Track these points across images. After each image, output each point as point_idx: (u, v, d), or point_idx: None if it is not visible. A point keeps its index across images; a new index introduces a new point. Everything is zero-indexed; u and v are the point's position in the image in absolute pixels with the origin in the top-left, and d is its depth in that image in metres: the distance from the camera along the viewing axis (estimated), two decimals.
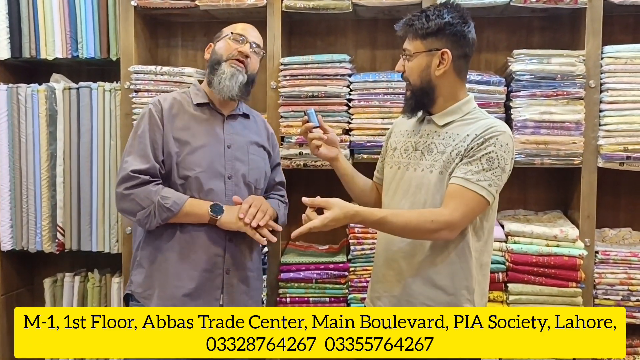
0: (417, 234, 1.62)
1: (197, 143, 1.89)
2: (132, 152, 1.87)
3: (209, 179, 1.88)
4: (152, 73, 2.47)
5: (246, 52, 1.94)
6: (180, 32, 2.82)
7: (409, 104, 1.74)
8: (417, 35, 1.66)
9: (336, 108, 2.41)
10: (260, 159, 2.03)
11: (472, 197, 1.59)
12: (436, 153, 1.68)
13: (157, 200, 1.81)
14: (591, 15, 2.30)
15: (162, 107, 1.91)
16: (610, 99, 2.29)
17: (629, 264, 2.33)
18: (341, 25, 2.72)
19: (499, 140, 1.61)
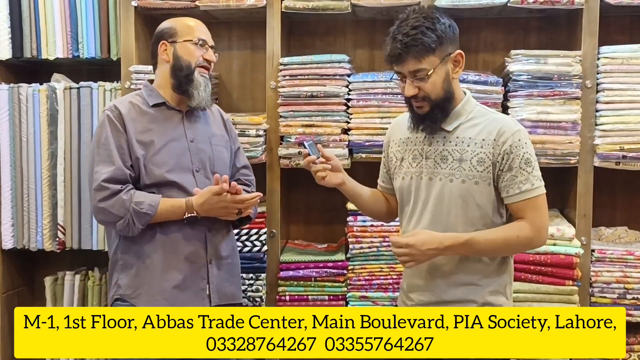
0: (509, 250, 1.70)
1: (160, 142, 1.91)
2: (100, 161, 1.87)
3: (179, 175, 1.91)
4: (151, 73, 2.48)
5: (212, 59, 1.98)
6: None
7: (434, 118, 1.67)
8: (430, 50, 1.60)
9: (335, 108, 2.43)
10: (223, 149, 2.06)
11: (538, 200, 1.66)
12: (452, 161, 1.68)
13: (132, 208, 1.82)
14: (588, 15, 2.32)
15: (120, 111, 1.90)
16: (606, 99, 2.31)
17: (625, 262, 2.35)
18: (340, 25, 2.74)
19: (521, 140, 1.65)
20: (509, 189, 1.66)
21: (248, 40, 2.80)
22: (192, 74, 1.93)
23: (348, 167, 2.44)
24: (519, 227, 1.65)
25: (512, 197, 1.66)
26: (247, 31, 2.79)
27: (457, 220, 1.68)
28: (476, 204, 1.67)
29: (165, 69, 1.97)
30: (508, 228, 1.67)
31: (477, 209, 1.67)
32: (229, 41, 2.81)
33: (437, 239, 1.61)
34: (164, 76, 1.98)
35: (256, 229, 2.47)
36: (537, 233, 1.65)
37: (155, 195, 1.87)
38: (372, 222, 2.43)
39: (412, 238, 1.62)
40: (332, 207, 2.72)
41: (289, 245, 2.68)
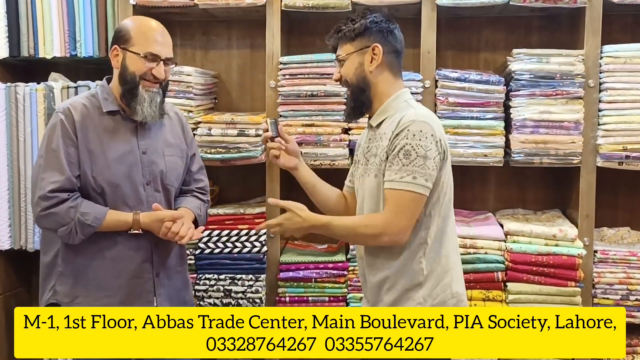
0: (360, 239, 1.73)
1: (112, 155, 1.85)
2: (48, 167, 1.81)
3: (128, 189, 1.86)
4: None
5: (160, 76, 1.87)
6: (178, 30, 2.81)
7: (349, 106, 1.80)
8: (346, 38, 1.74)
9: (335, 107, 2.41)
10: (177, 158, 2.00)
11: (402, 196, 1.60)
12: (372, 156, 1.73)
13: (77, 217, 1.77)
14: (590, 14, 2.30)
15: (74, 117, 1.84)
16: (609, 99, 2.29)
17: (628, 263, 2.33)
18: None
19: (409, 130, 1.61)
20: (386, 174, 1.65)
21: (247, 39, 2.78)
22: (137, 89, 1.85)
23: (348, 166, 2.42)
24: (372, 218, 1.66)
25: (385, 184, 1.64)
26: (246, 30, 2.77)
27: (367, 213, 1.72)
28: (381, 197, 1.68)
29: (116, 75, 1.92)
30: (363, 217, 1.71)
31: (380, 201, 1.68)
32: (228, 40, 2.79)
33: (300, 219, 1.68)
34: (116, 81, 1.92)
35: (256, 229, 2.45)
36: (385, 228, 1.60)
37: (102, 208, 1.82)
38: None
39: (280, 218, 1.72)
40: None
41: (289, 245, 2.66)
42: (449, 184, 1.71)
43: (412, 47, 2.65)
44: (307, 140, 2.40)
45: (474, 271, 2.32)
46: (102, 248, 1.85)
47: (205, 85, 2.60)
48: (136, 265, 1.87)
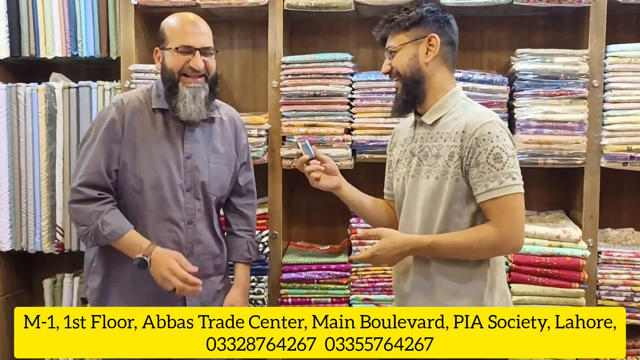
0: (473, 255, 1.59)
1: (155, 153, 1.81)
2: (84, 161, 1.79)
3: (167, 191, 1.81)
4: (153, 72, 2.45)
5: (199, 67, 1.80)
6: None
7: (400, 100, 1.69)
8: (400, 28, 1.65)
9: (338, 107, 2.39)
10: (223, 166, 1.94)
11: (510, 201, 1.53)
12: (430, 157, 1.64)
13: (97, 224, 1.74)
14: (595, 14, 2.29)
15: (125, 111, 1.81)
16: (613, 99, 2.27)
17: (632, 264, 2.32)
18: (343, 24, 2.71)
19: (491, 133, 1.55)
20: (477, 187, 1.56)
21: (250, 38, 2.77)
22: (176, 86, 1.80)
23: (351, 167, 2.41)
24: (483, 230, 1.55)
25: (479, 196, 1.56)
26: (248, 30, 2.76)
27: (426, 219, 1.63)
28: (446, 201, 1.59)
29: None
30: (472, 231, 1.57)
31: (448, 206, 1.60)
32: (230, 40, 2.78)
33: (398, 244, 1.59)
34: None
35: (258, 231, 2.43)
36: (503, 239, 1.54)
37: (126, 224, 1.77)
38: None
39: (374, 248, 1.60)
40: (334, 208, 2.68)
41: (291, 247, 2.65)
42: None
43: None
44: (310, 141, 2.38)
45: None
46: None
47: None
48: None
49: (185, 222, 1.85)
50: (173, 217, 1.83)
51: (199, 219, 1.88)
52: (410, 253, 1.61)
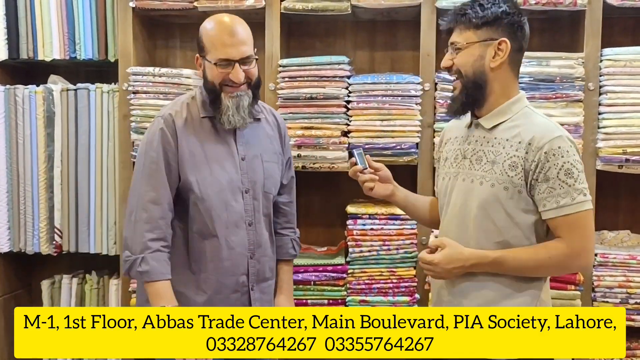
0: (542, 273, 1.57)
1: (213, 160, 1.82)
2: (147, 176, 1.78)
3: (228, 196, 1.82)
4: (151, 74, 2.47)
5: (239, 80, 1.78)
6: (178, 33, 2.81)
7: (458, 101, 1.61)
8: (470, 25, 1.56)
9: (335, 110, 2.40)
10: (275, 165, 1.95)
11: (582, 217, 1.51)
12: (485, 162, 1.58)
13: (138, 258, 1.74)
14: (590, 17, 2.30)
15: (175, 123, 1.81)
16: (609, 102, 2.28)
17: (628, 266, 2.32)
18: (340, 26, 2.71)
19: (561, 148, 1.50)
20: (545, 202, 1.51)
21: None
22: (219, 98, 1.80)
23: (348, 169, 2.41)
24: (553, 247, 1.52)
25: (548, 212, 1.52)
26: None
27: (480, 227, 1.58)
28: (504, 211, 1.55)
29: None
30: (540, 248, 1.54)
31: (504, 216, 1.55)
32: None
33: (462, 257, 1.56)
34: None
35: None
36: (574, 256, 1.51)
37: (165, 273, 1.76)
38: (372, 226, 2.40)
39: (438, 255, 1.57)
40: (331, 210, 2.70)
41: None
42: None
43: (411, 49, 2.66)
44: (306, 143, 2.40)
45: None
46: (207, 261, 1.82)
47: None
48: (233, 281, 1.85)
49: (246, 224, 1.86)
50: (237, 221, 1.84)
51: (259, 221, 1.89)
52: (471, 268, 1.56)
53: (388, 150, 2.38)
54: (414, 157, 2.39)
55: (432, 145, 2.38)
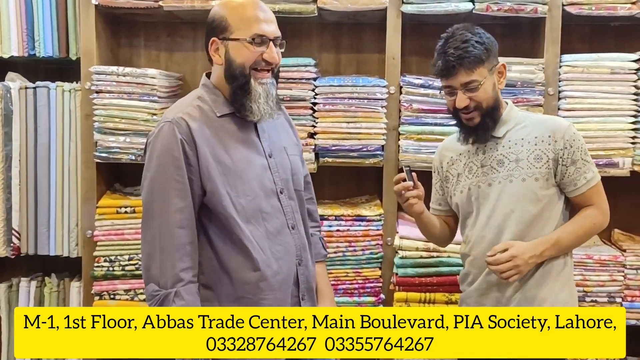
0: (587, 238, 1.80)
1: (241, 163, 1.56)
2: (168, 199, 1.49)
3: (264, 201, 1.58)
4: (115, 74, 2.42)
5: (275, 59, 1.58)
6: (143, 32, 2.77)
7: (485, 128, 1.76)
8: (478, 62, 1.71)
9: (301, 112, 2.41)
10: (298, 159, 1.76)
11: (600, 185, 1.78)
12: (509, 163, 1.76)
13: (171, 292, 1.49)
14: (550, 24, 2.37)
15: (191, 127, 1.52)
16: (567, 106, 2.35)
17: (584, 265, 2.40)
18: (306, 28, 2.72)
19: (575, 133, 1.75)
20: (577, 181, 1.74)
21: None
22: (248, 84, 1.55)
23: (314, 171, 2.42)
24: (592, 215, 1.76)
25: (581, 188, 1.75)
26: None
27: (520, 220, 1.74)
28: (538, 200, 1.74)
29: (219, 72, 1.60)
30: (583, 218, 1.77)
31: (539, 204, 1.74)
32: (193, 42, 2.76)
33: (531, 246, 1.70)
34: (221, 79, 1.61)
35: None
36: (606, 217, 1.78)
37: (199, 304, 1.53)
38: (337, 227, 2.42)
39: (514, 250, 1.68)
40: None
41: None
42: None
43: (377, 52, 2.68)
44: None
45: (437, 274, 2.36)
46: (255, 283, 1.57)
47: (170, 87, 2.56)
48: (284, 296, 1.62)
49: (290, 227, 1.64)
50: (278, 227, 1.61)
51: (298, 222, 1.68)
52: (542, 255, 1.71)
53: (354, 152, 2.40)
54: (379, 159, 2.41)
55: (397, 148, 2.41)
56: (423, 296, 2.36)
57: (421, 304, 2.36)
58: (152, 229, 1.53)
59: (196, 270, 1.55)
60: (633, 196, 2.64)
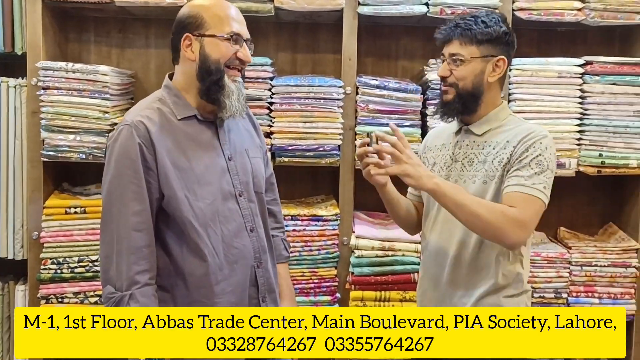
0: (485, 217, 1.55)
1: (200, 167, 1.57)
2: (125, 202, 1.50)
3: (222, 204, 1.59)
4: (63, 70, 2.34)
5: (248, 58, 1.61)
6: (93, 27, 2.69)
7: (453, 108, 1.69)
8: (474, 40, 1.64)
9: (258, 111, 2.39)
10: (260, 161, 1.76)
11: (533, 201, 1.58)
12: (477, 163, 1.69)
13: (126, 295, 1.49)
14: None
15: (149, 131, 1.52)
16: (517, 109, 2.42)
17: (533, 262, 2.47)
18: (262, 27, 2.70)
19: (542, 143, 1.62)
20: (510, 180, 1.61)
21: (167, 38, 2.65)
22: (222, 79, 1.56)
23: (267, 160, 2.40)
24: (508, 208, 1.56)
25: (511, 187, 1.60)
26: (166, 29, 2.68)
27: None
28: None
29: (189, 69, 1.59)
30: (497, 205, 1.59)
31: None
32: (146, 39, 2.70)
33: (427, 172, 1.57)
34: (189, 77, 1.59)
35: None
36: (519, 223, 1.55)
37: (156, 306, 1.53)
38: (294, 227, 2.42)
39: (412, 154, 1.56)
40: None
41: None
42: None
43: (333, 52, 2.70)
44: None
45: (391, 273, 2.39)
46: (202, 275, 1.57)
47: (122, 85, 2.50)
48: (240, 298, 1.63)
49: (248, 230, 1.64)
50: (236, 230, 1.61)
51: (258, 224, 1.68)
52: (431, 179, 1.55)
53: (310, 152, 2.40)
54: (335, 159, 2.43)
55: (353, 147, 2.43)
56: (378, 294, 2.39)
57: (376, 302, 2.39)
58: (110, 231, 1.53)
59: (154, 272, 1.55)
60: (577, 195, 2.75)
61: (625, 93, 2.43)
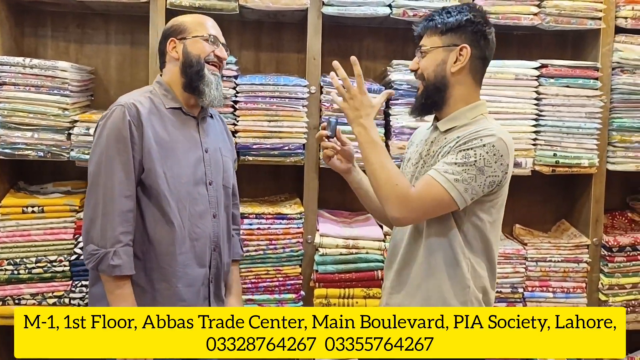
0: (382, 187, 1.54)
1: (180, 150, 1.80)
2: (115, 171, 1.70)
3: (194, 188, 1.81)
4: (21, 65, 2.28)
5: (223, 56, 1.88)
6: (50, 21, 2.62)
7: (418, 102, 1.67)
8: (437, 30, 1.62)
9: (222, 110, 2.38)
10: (230, 161, 2.00)
11: (434, 186, 1.51)
12: (431, 159, 1.65)
13: (110, 251, 1.67)
14: None
15: (140, 112, 1.74)
16: None
17: None
18: (226, 26, 2.67)
19: (482, 140, 1.53)
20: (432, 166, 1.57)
21: (128, 34, 2.66)
22: (203, 70, 1.82)
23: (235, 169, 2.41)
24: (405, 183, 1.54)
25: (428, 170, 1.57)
26: (127, 25, 2.65)
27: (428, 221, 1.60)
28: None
29: (174, 68, 1.85)
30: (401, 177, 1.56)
31: None
32: (106, 34, 2.65)
33: (368, 117, 1.59)
34: (174, 75, 1.85)
35: None
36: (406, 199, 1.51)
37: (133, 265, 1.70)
38: (258, 225, 2.42)
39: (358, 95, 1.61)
40: None
41: None
42: (503, 207, 1.65)
43: (296, 51, 2.71)
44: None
45: (355, 270, 2.42)
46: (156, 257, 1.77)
47: (82, 81, 2.45)
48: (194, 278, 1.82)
49: (212, 215, 1.86)
50: (202, 212, 1.83)
51: (221, 213, 1.90)
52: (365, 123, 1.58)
53: (275, 151, 2.41)
54: (300, 158, 2.44)
55: (318, 147, 2.44)
56: (342, 292, 2.42)
57: (340, 300, 2.42)
58: (96, 196, 1.71)
59: (132, 237, 1.72)
60: (532, 194, 2.85)
61: (578, 95, 2.53)
